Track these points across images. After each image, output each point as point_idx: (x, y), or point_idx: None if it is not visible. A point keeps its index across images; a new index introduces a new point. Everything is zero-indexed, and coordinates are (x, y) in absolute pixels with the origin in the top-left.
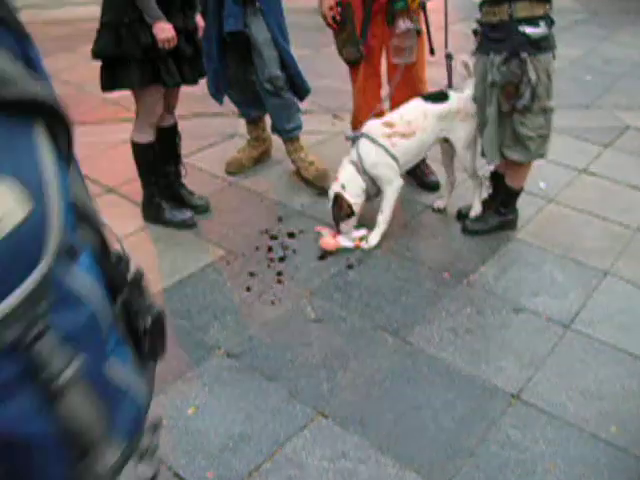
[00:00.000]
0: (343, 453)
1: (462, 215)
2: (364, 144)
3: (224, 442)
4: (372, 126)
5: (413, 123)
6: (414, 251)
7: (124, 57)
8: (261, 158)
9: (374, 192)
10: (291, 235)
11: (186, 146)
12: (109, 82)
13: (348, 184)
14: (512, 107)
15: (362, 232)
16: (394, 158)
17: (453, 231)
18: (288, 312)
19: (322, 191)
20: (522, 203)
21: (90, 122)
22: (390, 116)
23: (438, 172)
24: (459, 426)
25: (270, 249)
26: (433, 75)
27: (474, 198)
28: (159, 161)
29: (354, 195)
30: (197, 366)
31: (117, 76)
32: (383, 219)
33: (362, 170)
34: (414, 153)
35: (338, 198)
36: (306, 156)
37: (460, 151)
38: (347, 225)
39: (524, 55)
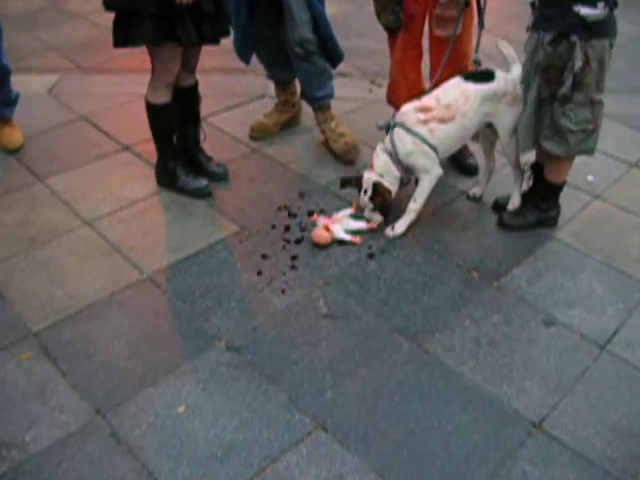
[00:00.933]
0: (340, 476)
1: (499, 206)
2: (398, 133)
3: (213, 450)
4: (406, 113)
5: (453, 106)
6: (442, 244)
7: (138, 11)
8: (289, 124)
9: (407, 180)
10: (311, 214)
11: (209, 105)
12: (121, 37)
13: (385, 173)
14: (552, 94)
15: (360, 224)
16: (432, 146)
17: (487, 224)
18: (298, 304)
19: (349, 166)
20: (565, 196)
21: (115, 70)
22: (426, 99)
23: (476, 155)
24: (471, 455)
25: (287, 229)
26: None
27: (514, 189)
28: (176, 123)
29: (391, 184)
30: (193, 358)
31: (130, 31)
32: (414, 208)
33: (397, 160)
34: (455, 139)
35: (379, 186)
36: (337, 126)
37: (505, 139)
38: (371, 214)
39: (574, 38)
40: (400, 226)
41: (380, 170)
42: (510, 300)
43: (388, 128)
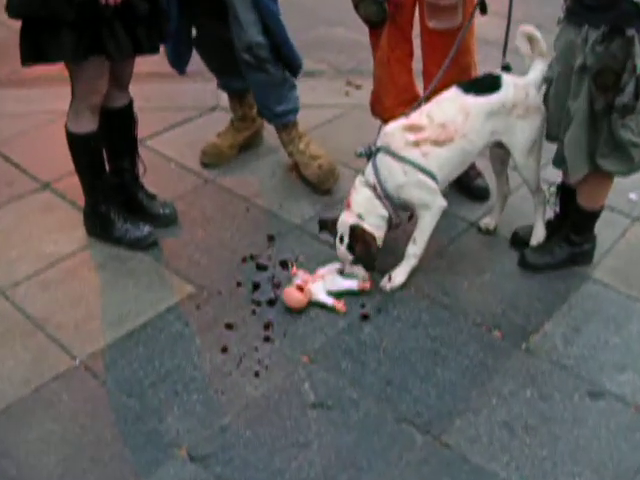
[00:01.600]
0: None
1: (519, 241)
2: (383, 161)
3: None
4: (390, 134)
5: (449, 126)
6: (453, 294)
7: (52, 18)
8: (249, 144)
9: (398, 220)
10: (285, 265)
11: (147, 123)
12: (31, 51)
13: (366, 213)
14: (609, 104)
15: (350, 283)
16: (429, 173)
17: (506, 264)
18: (277, 390)
19: (328, 195)
20: (599, 222)
21: (28, 81)
22: (415, 115)
23: (486, 176)
24: None
25: (256, 286)
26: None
27: (536, 219)
28: (107, 155)
29: (375, 227)
30: (147, 476)
31: (43, 43)
32: (414, 252)
33: (383, 194)
34: (454, 165)
35: (357, 231)
36: (307, 147)
37: (520, 159)
38: (351, 269)
39: (631, 32)
40: (399, 275)
41: (360, 210)
42: (544, 366)
43: (370, 155)
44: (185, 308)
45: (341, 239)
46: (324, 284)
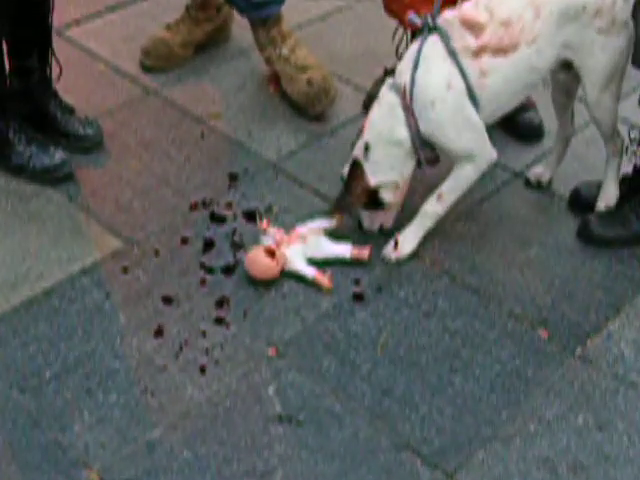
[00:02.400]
0: None
1: (581, 202)
2: (432, 51)
3: None
4: (451, 23)
5: (514, 24)
6: (484, 273)
7: None
8: (210, 43)
9: (432, 156)
10: (251, 217)
11: (68, 5)
12: None
13: (377, 139)
14: None
15: (342, 248)
16: (475, 102)
17: (561, 234)
18: (230, 393)
19: (320, 122)
20: None
21: None
22: (469, 7)
23: (542, 112)
24: None
25: (208, 246)
26: None
27: (607, 174)
28: (7, 48)
29: (383, 168)
30: None
31: None
32: (434, 210)
33: (412, 106)
34: (513, 90)
35: (356, 168)
36: (292, 53)
37: (592, 91)
38: (372, 219)
39: None
40: (408, 240)
41: (370, 134)
42: (605, 382)
43: (421, 32)
44: (107, 271)
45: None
46: (304, 248)
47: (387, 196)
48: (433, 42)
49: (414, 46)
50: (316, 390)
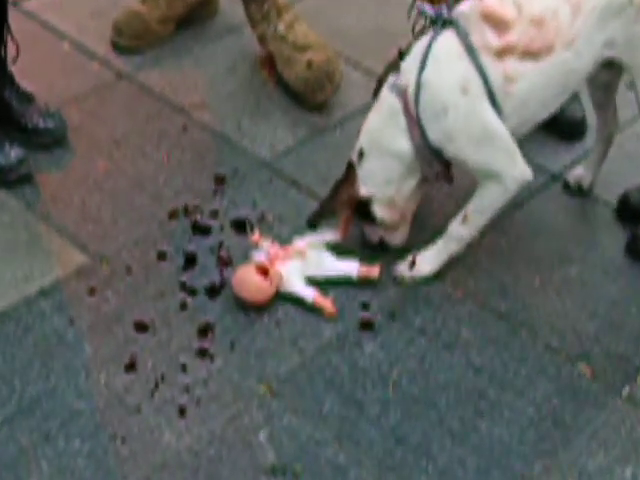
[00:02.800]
0: None
1: (630, 210)
2: (445, 47)
3: None
4: (468, 17)
5: (548, 23)
6: (515, 297)
7: None
8: (194, 18)
9: (443, 173)
10: (240, 227)
11: None
12: None
13: (372, 145)
14: None
15: (348, 266)
16: (499, 111)
17: (607, 249)
18: (215, 440)
19: (322, 113)
20: None
21: None
22: (493, 0)
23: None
24: None
25: (190, 262)
26: None
27: None
28: None
29: (377, 180)
30: None
31: None
32: (460, 234)
33: (415, 117)
34: (546, 98)
35: (349, 172)
36: (289, 30)
37: None
38: (371, 231)
39: None
40: (428, 261)
41: (365, 140)
42: None
43: (434, 24)
44: (71, 292)
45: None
46: (303, 265)
47: (380, 212)
48: (447, 38)
49: (423, 41)
50: (316, 436)
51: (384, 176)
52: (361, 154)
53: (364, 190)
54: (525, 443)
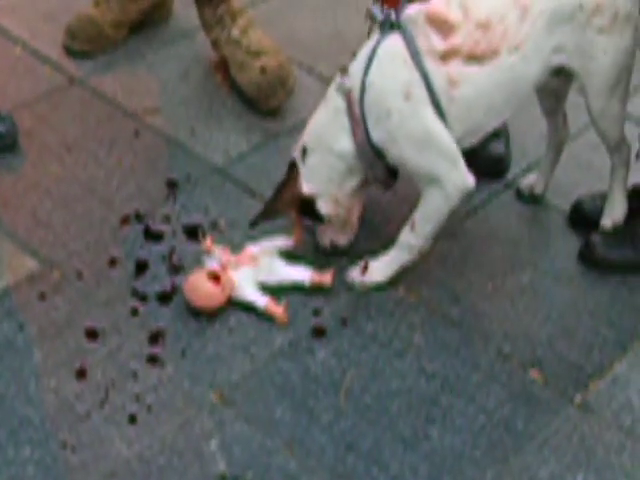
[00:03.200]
0: None
1: (583, 217)
2: (390, 51)
3: None
4: (414, 20)
5: (495, 27)
6: (468, 304)
7: None
8: (147, 22)
9: (383, 177)
10: (192, 233)
11: None
12: None
13: (315, 143)
14: None
15: (300, 273)
16: (443, 117)
17: (560, 256)
18: (166, 448)
19: (275, 119)
20: None
21: None
22: (439, 2)
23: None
24: None
25: (141, 268)
26: None
27: (613, 186)
28: None
29: (320, 178)
30: None
31: None
32: (409, 242)
33: (361, 113)
34: (490, 106)
35: (291, 171)
36: (243, 35)
37: (597, 100)
38: (322, 233)
39: None
40: (381, 268)
41: (308, 138)
42: (610, 436)
43: (381, 26)
44: (20, 297)
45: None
46: (256, 272)
47: (325, 208)
48: (393, 41)
49: (370, 43)
50: (267, 444)
51: (327, 174)
52: (304, 151)
53: (307, 187)
54: (477, 450)
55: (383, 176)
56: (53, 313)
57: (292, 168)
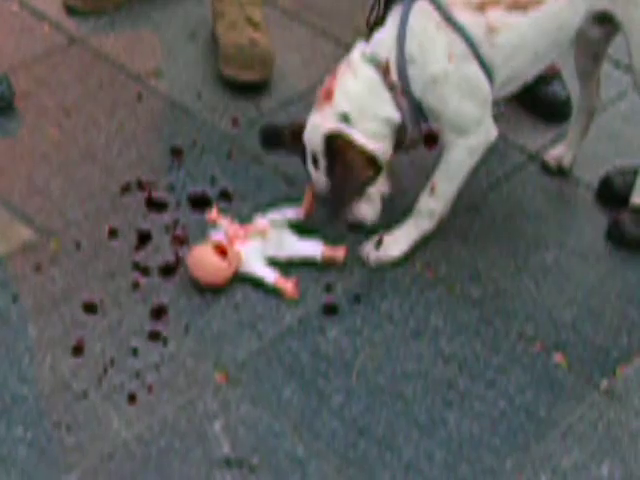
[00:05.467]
0: None
1: (611, 193)
2: (420, 21)
3: None
4: None
5: None
6: (489, 283)
7: None
8: None
9: (418, 136)
10: (198, 203)
11: None
12: None
13: (358, 112)
14: None
15: (311, 247)
16: (486, 67)
17: (586, 233)
18: (167, 429)
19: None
20: None
21: None
22: None
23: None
24: None
25: (143, 240)
26: None
27: None
28: None
29: (372, 136)
30: None
31: None
32: (430, 208)
33: (401, 84)
34: (535, 53)
35: (337, 144)
36: (251, 1)
37: (639, 53)
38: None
39: None
40: (397, 242)
41: (347, 106)
42: (637, 422)
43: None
44: (15, 268)
45: (314, 159)
46: (264, 245)
47: (381, 166)
48: (421, 6)
49: (395, 14)
50: (274, 427)
51: (378, 134)
52: (346, 118)
53: (372, 144)
54: (496, 437)
55: (418, 135)
56: (49, 285)
57: (338, 141)
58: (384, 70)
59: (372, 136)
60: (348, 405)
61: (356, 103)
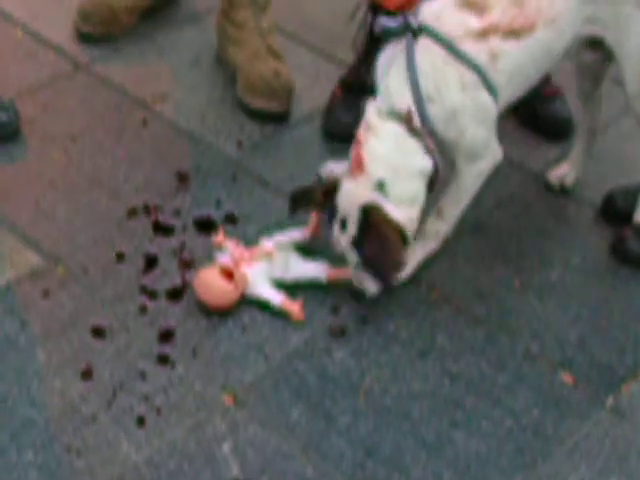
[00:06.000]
0: None
1: (615, 211)
2: (428, 57)
3: None
4: (438, 12)
5: (529, 3)
6: (494, 301)
7: None
8: (158, 6)
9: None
10: (204, 227)
11: None
12: None
13: (392, 176)
14: None
15: (315, 268)
16: (492, 89)
17: (591, 251)
18: (177, 452)
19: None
20: None
21: None
22: None
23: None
24: None
25: (150, 264)
26: None
27: None
28: None
29: (408, 199)
30: None
31: None
32: (437, 229)
33: (426, 126)
34: (528, 74)
35: (374, 218)
36: (270, 30)
37: (633, 79)
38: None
39: None
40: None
41: (381, 171)
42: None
43: (394, 34)
44: (23, 295)
45: (343, 223)
46: (270, 267)
47: (412, 228)
48: (425, 46)
49: (399, 60)
50: (283, 448)
51: (409, 199)
52: (382, 186)
53: (401, 216)
54: (503, 455)
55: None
56: (57, 311)
57: (373, 213)
58: (407, 119)
59: (407, 201)
60: (355, 426)
61: (388, 166)
